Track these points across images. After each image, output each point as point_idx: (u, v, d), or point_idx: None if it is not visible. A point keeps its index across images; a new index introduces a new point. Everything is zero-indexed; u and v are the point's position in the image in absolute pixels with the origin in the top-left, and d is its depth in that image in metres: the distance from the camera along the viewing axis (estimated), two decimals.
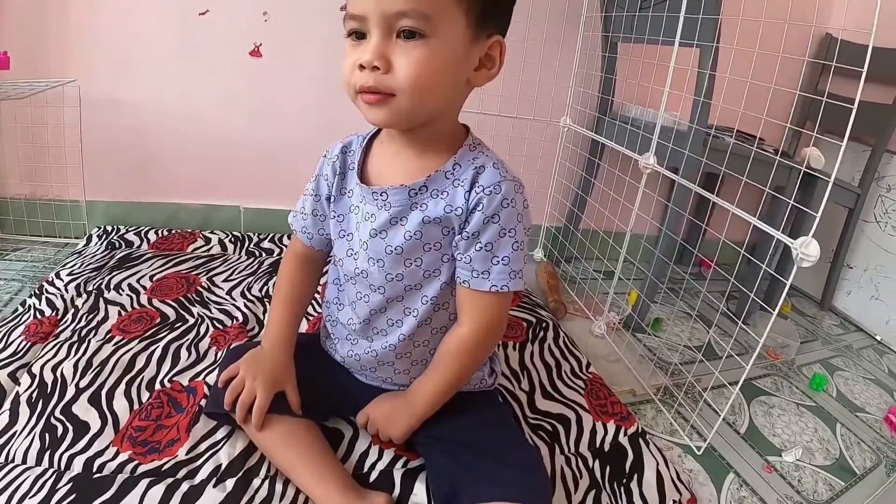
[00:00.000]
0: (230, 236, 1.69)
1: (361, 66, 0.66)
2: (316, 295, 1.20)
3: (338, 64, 1.71)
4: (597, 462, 1.00)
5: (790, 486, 1.13)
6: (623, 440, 1.07)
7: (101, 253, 1.48)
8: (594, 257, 1.92)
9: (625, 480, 0.97)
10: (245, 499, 0.78)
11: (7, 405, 0.90)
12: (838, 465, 1.23)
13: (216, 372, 1.01)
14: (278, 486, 0.81)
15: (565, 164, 1.92)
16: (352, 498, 0.78)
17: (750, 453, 1.21)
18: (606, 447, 1.05)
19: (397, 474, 0.88)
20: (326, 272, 0.98)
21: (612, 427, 1.09)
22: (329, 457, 0.85)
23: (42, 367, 0.99)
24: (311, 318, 1.29)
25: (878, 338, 1.99)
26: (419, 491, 0.86)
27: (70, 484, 0.77)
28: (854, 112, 0.93)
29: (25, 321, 1.13)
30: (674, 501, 0.96)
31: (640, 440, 1.07)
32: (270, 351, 0.90)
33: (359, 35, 0.67)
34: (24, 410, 0.89)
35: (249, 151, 1.75)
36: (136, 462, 0.82)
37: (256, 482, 0.82)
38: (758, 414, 1.36)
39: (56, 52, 1.53)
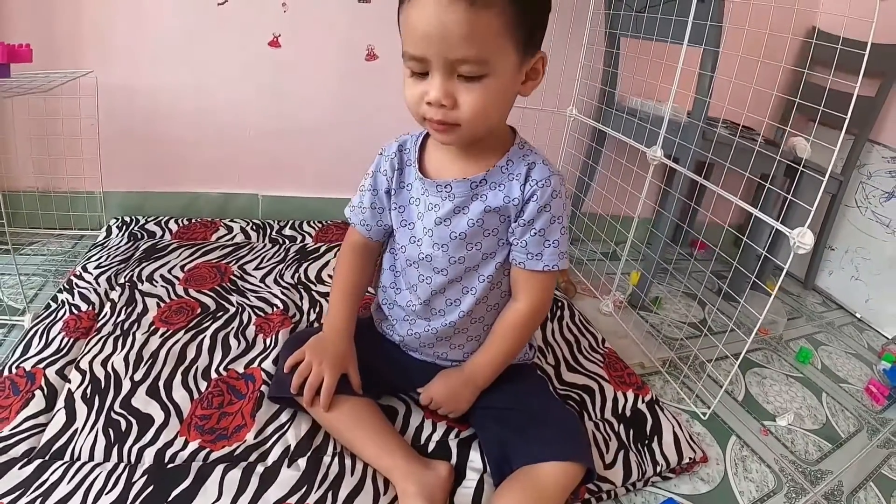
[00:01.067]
0: (251, 224, 1.71)
1: (429, 102, 0.74)
2: None
3: (356, 55, 1.76)
4: (621, 426, 1.09)
5: (784, 446, 1.24)
6: (641, 407, 1.16)
7: (125, 244, 1.48)
8: (601, 240, 2.01)
9: (647, 441, 1.07)
10: (319, 475, 0.84)
11: (61, 403, 0.91)
12: (825, 429, 1.35)
13: (273, 358, 1.07)
14: (347, 462, 0.87)
15: (570, 152, 1.98)
16: (417, 467, 0.85)
17: (748, 418, 1.31)
18: (628, 413, 1.14)
19: (452, 444, 0.95)
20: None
21: (630, 396, 1.18)
22: (391, 431, 0.92)
23: (91, 363, 1.00)
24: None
25: (858, 315, 2.12)
26: (475, 458, 0.93)
27: (145, 476, 0.80)
28: (852, 105, 1.02)
29: (62, 317, 1.13)
30: (690, 459, 1.07)
31: (656, 406, 1.17)
32: (333, 337, 0.95)
33: (419, 74, 0.75)
34: (80, 407, 0.91)
35: (267, 140, 1.76)
36: (207, 449, 0.86)
37: (326, 459, 0.87)
38: (752, 384, 1.47)
39: (70, 42, 1.51)
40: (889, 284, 2.05)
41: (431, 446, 0.96)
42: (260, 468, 0.84)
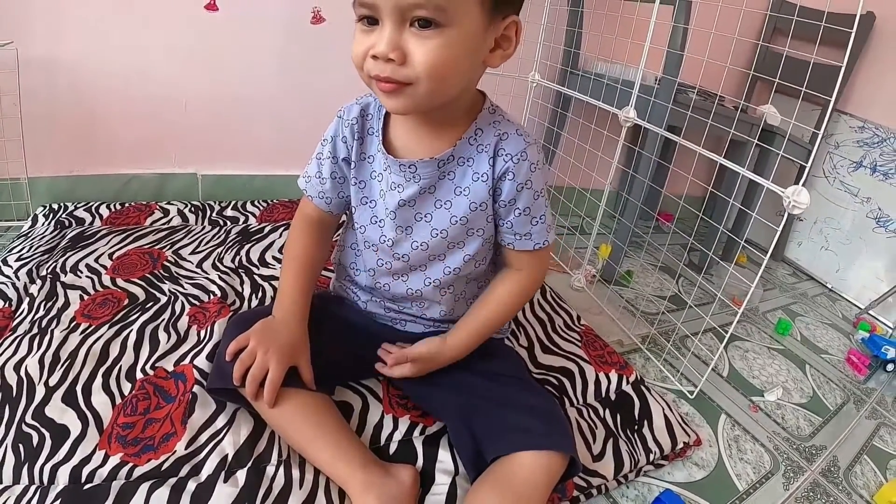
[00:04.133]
0: (189, 206, 1.53)
1: (375, 56, 0.62)
2: None
3: (301, 18, 1.58)
4: (608, 411, 0.98)
5: (776, 423, 1.16)
6: (627, 388, 1.05)
7: (51, 233, 1.29)
8: (569, 212, 1.89)
9: (637, 427, 0.96)
10: (262, 490, 0.69)
11: None
12: (813, 402, 1.27)
13: (207, 353, 0.91)
14: (295, 473, 0.73)
15: (534, 119, 1.86)
16: (375, 474, 0.71)
17: (735, 395, 1.22)
18: (613, 396, 1.03)
19: (417, 443, 0.83)
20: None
21: (614, 377, 1.07)
22: (346, 431, 0.78)
23: (3, 368, 0.84)
24: None
25: (829, 286, 2.06)
26: (444, 458, 0.81)
27: (59, 500, 0.66)
28: (840, 76, 0.93)
29: None
30: (684, 444, 0.97)
31: (642, 387, 1.06)
32: (285, 321, 0.82)
33: (370, 20, 0.63)
34: None
35: (206, 114, 1.58)
36: (130, 465, 0.71)
37: (270, 470, 0.73)
38: (735, 358, 1.38)
39: None
40: (859, 254, 2.00)
41: (393, 447, 0.82)
42: (192, 485, 0.70)
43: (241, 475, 0.71)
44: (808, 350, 1.51)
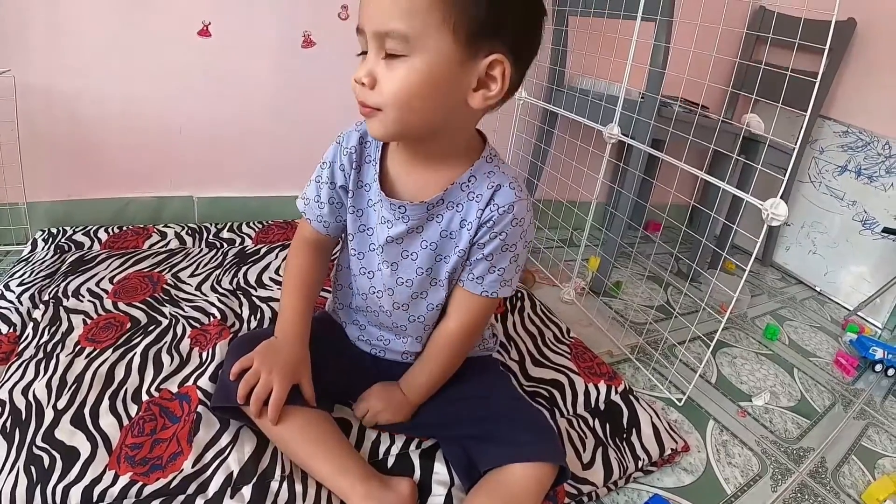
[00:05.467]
0: (186, 228, 1.57)
1: (355, 80, 0.67)
2: None
3: (292, 42, 1.65)
4: (596, 421, 1.02)
5: (764, 427, 1.21)
6: (615, 398, 1.10)
7: (51, 258, 1.34)
8: (557, 226, 1.95)
9: (625, 435, 1.01)
10: None
11: None
12: (801, 405, 1.32)
13: (210, 374, 0.95)
14: (298, 487, 0.77)
15: (521, 136, 1.91)
16: (375, 487, 0.76)
17: (723, 401, 1.27)
18: (602, 406, 1.07)
19: (414, 456, 0.87)
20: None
21: (602, 387, 1.11)
22: (346, 446, 0.82)
23: (11, 392, 0.88)
24: None
25: (818, 289, 2.12)
26: (440, 470, 0.85)
27: None
28: (818, 83, 0.98)
29: None
30: (672, 450, 1.01)
31: (630, 396, 1.11)
32: (286, 342, 0.86)
33: (363, 53, 0.67)
34: (0, 444, 0.78)
35: (200, 138, 1.63)
36: (140, 483, 0.75)
37: (274, 485, 0.77)
38: (723, 364, 1.43)
39: None
40: (846, 256, 2.06)
41: (391, 461, 0.87)
42: (200, 501, 0.74)
43: (247, 491, 0.76)
44: (797, 354, 1.57)
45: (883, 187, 1.97)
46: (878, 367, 1.55)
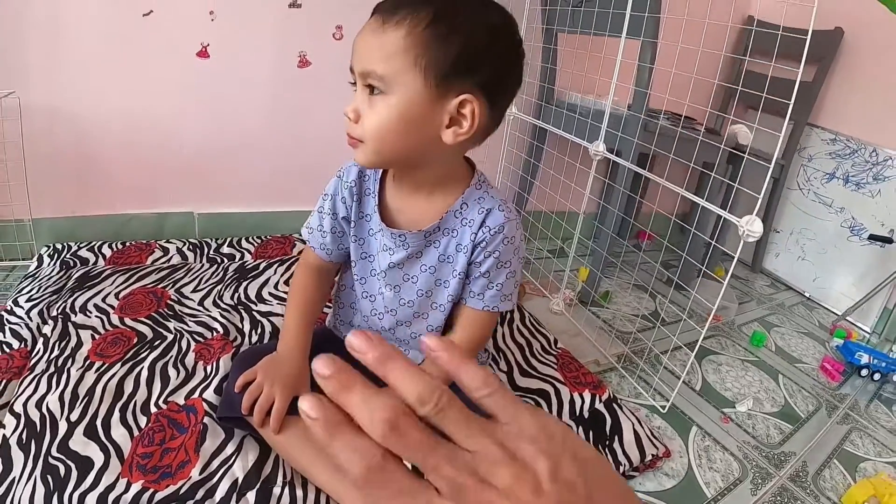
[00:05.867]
0: (187, 244, 1.65)
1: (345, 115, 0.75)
2: None
3: (288, 62, 1.71)
4: (580, 429, 1.09)
5: (746, 432, 1.26)
6: (599, 406, 1.16)
7: (57, 274, 1.40)
8: (547, 238, 2.01)
9: (608, 442, 1.07)
10: None
11: None
12: (784, 411, 1.38)
13: (214, 387, 1.02)
14: (298, 492, 0.84)
15: (511, 150, 1.98)
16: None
17: (707, 407, 1.32)
18: (586, 414, 1.14)
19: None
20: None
21: (587, 396, 1.18)
22: None
23: (25, 405, 0.94)
24: None
25: (807, 294, 2.19)
26: None
27: None
28: (795, 91, 1.03)
29: None
30: (653, 456, 1.08)
31: (614, 405, 1.17)
32: (288, 356, 0.93)
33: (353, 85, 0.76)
34: (17, 454, 0.85)
35: (200, 155, 1.70)
36: (151, 490, 0.82)
37: (276, 490, 0.84)
38: (709, 372, 1.49)
39: None
40: (835, 262, 2.12)
41: None
42: None
43: (251, 496, 0.83)
44: (782, 360, 1.63)
45: (870, 194, 2.03)
46: (864, 373, 1.60)
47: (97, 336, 1.16)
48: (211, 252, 1.64)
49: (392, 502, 0.26)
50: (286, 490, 0.85)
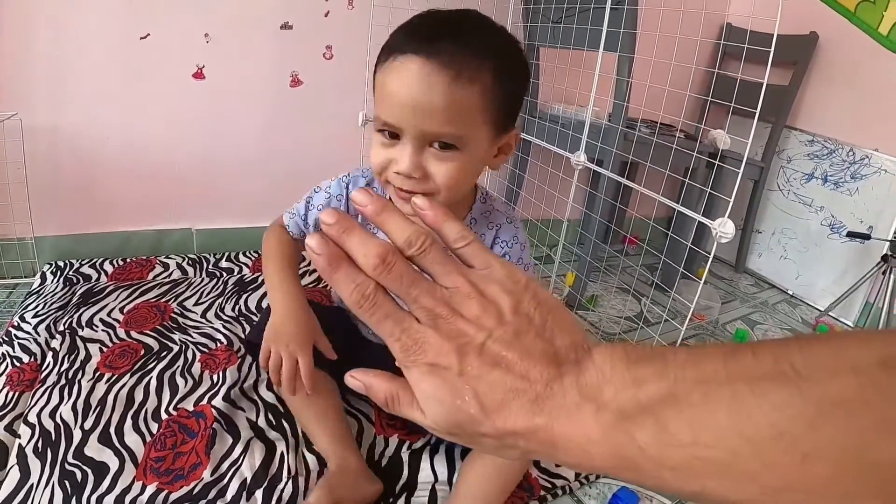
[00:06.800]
0: (187, 259, 1.72)
1: (398, 172, 0.75)
2: None
3: (281, 81, 1.78)
4: None
5: None
6: None
7: (62, 290, 1.48)
8: (533, 245, 2.10)
9: None
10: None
11: (13, 460, 0.92)
12: None
13: (224, 391, 1.11)
14: (301, 483, 0.94)
15: None
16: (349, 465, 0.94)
17: None
18: None
19: (405, 456, 1.03)
20: None
21: None
22: (342, 423, 1.02)
23: (39, 416, 1.01)
24: None
25: (790, 292, 2.28)
26: (425, 468, 1.02)
27: None
28: (762, 94, 1.11)
29: (4, 371, 1.13)
30: None
31: None
32: (289, 314, 0.89)
33: (391, 134, 0.75)
34: (33, 462, 0.92)
35: (197, 173, 1.78)
36: (165, 491, 0.89)
37: (280, 486, 0.92)
38: None
39: None
40: (816, 260, 2.21)
41: (385, 461, 1.03)
42: None
43: (259, 494, 0.91)
44: None
45: (849, 192, 2.13)
46: None
47: (105, 349, 1.24)
48: (210, 266, 1.72)
49: (380, 325, 0.31)
50: (289, 484, 0.93)
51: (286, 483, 0.93)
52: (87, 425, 1.01)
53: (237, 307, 1.48)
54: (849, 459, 0.23)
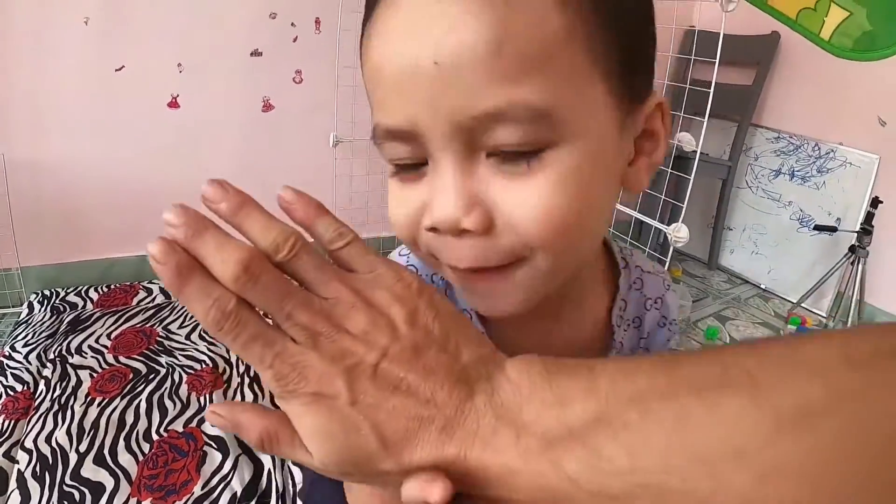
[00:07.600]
0: None
1: (435, 228, 0.34)
2: None
3: (253, 107, 1.88)
4: None
5: None
6: None
7: (49, 319, 1.55)
8: None
9: None
10: None
11: (13, 485, 0.99)
12: None
13: (200, 419, 1.18)
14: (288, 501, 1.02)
15: None
16: None
17: None
18: None
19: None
20: None
21: None
22: None
23: (35, 441, 1.08)
24: None
25: (763, 286, 2.37)
26: None
27: None
28: (711, 95, 1.20)
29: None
30: None
31: None
32: None
33: (409, 166, 0.35)
34: (33, 485, 0.99)
35: (175, 198, 1.67)
36: None
37: (269, 501, 1.00)
38: None
39: None
40: (787, 254, 2.31)
41: None
42: None
43: None
44: None
45: (815, 186, 2.22)
46: None
47: (95, 374, 1.31)
48: None
49: (246, 350, 0.25)
50: (278, 501, 1.01)
51: (276, 500, 1.01)
52: (82, 448, 1.08)
53: None
54: (812, 477, 0.20)
